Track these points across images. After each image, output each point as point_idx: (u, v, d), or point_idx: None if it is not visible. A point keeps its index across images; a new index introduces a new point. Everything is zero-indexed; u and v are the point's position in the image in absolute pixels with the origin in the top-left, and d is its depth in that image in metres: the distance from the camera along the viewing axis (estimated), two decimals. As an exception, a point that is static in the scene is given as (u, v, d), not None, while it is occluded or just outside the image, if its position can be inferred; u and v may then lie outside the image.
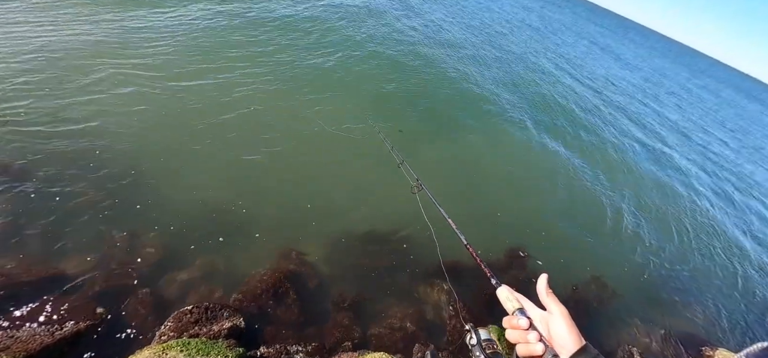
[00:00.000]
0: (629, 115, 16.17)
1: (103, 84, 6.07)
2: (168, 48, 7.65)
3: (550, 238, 6.68)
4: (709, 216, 10.32)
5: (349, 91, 8.85)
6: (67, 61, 6.27)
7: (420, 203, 2.58)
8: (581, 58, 24.51)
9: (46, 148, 4.72)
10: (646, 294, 6.50)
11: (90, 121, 5.33)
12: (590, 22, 63.53)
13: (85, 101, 5.62)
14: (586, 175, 9.30)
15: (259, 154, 5.96)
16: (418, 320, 4.47)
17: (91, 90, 5.88)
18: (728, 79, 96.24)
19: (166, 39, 7.91)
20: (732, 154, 18.21)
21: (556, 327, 0.89)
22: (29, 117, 5.03)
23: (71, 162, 4.69)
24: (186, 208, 4.71)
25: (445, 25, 17.18)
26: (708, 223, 9.92)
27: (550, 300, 0.93)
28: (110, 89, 6.02)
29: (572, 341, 0.85)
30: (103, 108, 5.63)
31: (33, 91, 5.44)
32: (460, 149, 8.41)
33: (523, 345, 0.89)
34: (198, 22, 9.04)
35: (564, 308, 0.90)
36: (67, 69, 6.09)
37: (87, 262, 3.83)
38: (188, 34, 8.41)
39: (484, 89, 11.82)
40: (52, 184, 4.37)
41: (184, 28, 8.56)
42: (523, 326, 0.90)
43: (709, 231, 9.52)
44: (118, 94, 5.98)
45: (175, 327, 3.56)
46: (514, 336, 0.91)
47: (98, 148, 4.99)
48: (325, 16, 12.42)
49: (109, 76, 6.26)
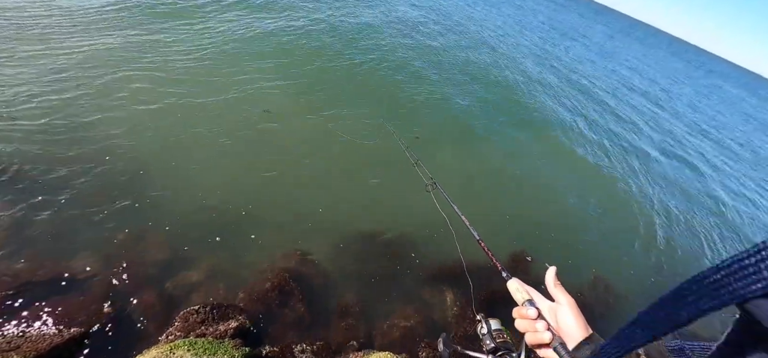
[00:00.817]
0: (647, 119, 16.08)
1: (113, 88, 6.15)
2: (179, 54, 7.74)
3: (557, 241, 6.66)
4: (726, 219, 10.25)
5: (364, 98, 8.88)
6: (81, 67, 6.36)
7: (435, 201, 2.65)
8: (585, 61, 24.40)
9: (54, 150, 4.79)
10: (653, 295, 6.45)
11: (98, 124, 5.41)
12: (599, 23, 63.25)
13: (93, 105, 5.70)
14: (602, 179, 9.26)
15: (267, 156, 6.00)
16: (423, 320, 4.48)
17: (101, 94, 5.95)
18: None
19: (178, 44, 8.02)
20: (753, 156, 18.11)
21: (563, 317, 0.91)
22: (38, 119, 5.11)
23: (79, 164, 4.74)
24: (194, 209, 4.75)
25: (460, 33, 17.21)
26: (724, 226, 9.84)
27: (558, 291, 0.96)
28: (119, 93, 6.09)
29: (579, 330, 0.87)
30: (112, 111, 5.70)
31: (45, 94, 5.53)
32: (475, 155, 8.43)
33: (531, 334, 0.92)
34: (211, 30, 9.15)
35: (571, 299, 0.93)
36: (78, 74, 6.18)
37: (95, 262, 3.87)
38: (199, 41, 8.51)
39: (500, 97, 11.81)
40: (60, 186, 4.42)
41: (196, 35, 8.67)
42: (531, 316, 0.92)
43: (724, 234, 9.44)
44: (126, 97, 6.05)
45: (182, 327, 3.59)
46: (523, 326, 0.94)
47: (107, 151, 5.05)
48: (343, 25, 12.49)
49: (119, 80, 6.35)
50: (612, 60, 29.89)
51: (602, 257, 6.81)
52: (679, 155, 13.56)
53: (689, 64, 73.61)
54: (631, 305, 5.93)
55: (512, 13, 29.40)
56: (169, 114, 6.04)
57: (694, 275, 0.46)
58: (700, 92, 35.70)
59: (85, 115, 5.45)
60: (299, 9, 12.16)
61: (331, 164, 6.42)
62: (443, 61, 12.75)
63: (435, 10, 18.88)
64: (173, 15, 9.03)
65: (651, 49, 65.10)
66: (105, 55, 6.83)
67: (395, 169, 6.53)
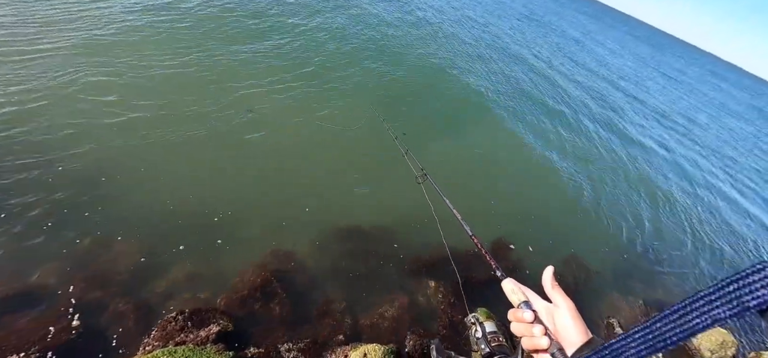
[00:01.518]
0: (623, 112, 16.54)
1: (75, 90, 5.69)
2: (148, 41, 7.27)
3: (538, 228, 6.80)
4: (687, 194, 10.83)
5: (349, 92, 8.71)
6: (42, 69, 5.84)
7: (425, 193, 2.61)
8: (575, 54, 24.82)
9: (8, 157, 4.41)
10: (626, 269, 6.77)
11: (56, 130, 5.00)
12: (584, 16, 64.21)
13: (52, 109, 5.26)
14: (571, 167, 9.47)
15: (244, 155, 5.79)
16: (410, 311, 4.49)
17: (61, 96, 5.50)
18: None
19: (143, 31, 7.51)
20: (712, 136, 19.10)
21: (561, 320, 0.87)
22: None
23: (36, 170, 4.40)
24: (166, 214, 4.51)
25: (455, 27, 17.06)
26: (685, 201, 10.41)
27: (556, 293, 0.91)
28: (81, 95, 5.64)
29: (578, 335, 0.83)
30: (73, 117, 5.29)
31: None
32: (462, 146, 8.45)
33: (527, 338, 0.87)
34: (188, 12, 8.61)
35: (570, 302, 0.89)
36: (39, 75, 5.67)
37: (61, 274, 3.62)
38: (171, 23, 8.00)
39: (485, 88, 11.84)
40: (16, 195, 4.09)
41: (163, 19, 8.14)
42: (527, 319, 0.88)
43: (685, 208, 9.99)
44: (88, 100, 5.63)
45: (161, 336, 3.43)
46: (519, 329, 0.90)
47: (65, 154, 4.70)
48: (325, 24, 12.09)
49: (79, 78, 5.88)
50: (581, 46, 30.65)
51: (580, 237, 7.05)
52: (650, 140, 14.20)
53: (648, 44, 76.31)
54: (606, 278, 6.21)
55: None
56: (136, 117, 5.66)
57: (713, 284, 0.47)
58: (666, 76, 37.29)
59: (42, 120, 5.03)
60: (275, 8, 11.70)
61: (313, 160, 6.28)
62: (431, 55, 12.67)
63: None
64: (145, 12, 8.44)
65: (611, 30, 67.20)
66: (68, 57, 6.31)
67: (378, 161, 6.49)
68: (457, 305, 4.62)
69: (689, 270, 7.55)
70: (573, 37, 32.82)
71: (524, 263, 5.72)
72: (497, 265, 1.16)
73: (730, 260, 8.52)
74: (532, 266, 5.65)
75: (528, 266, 5.64)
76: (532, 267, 5.62)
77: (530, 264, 5.69)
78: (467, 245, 5.17)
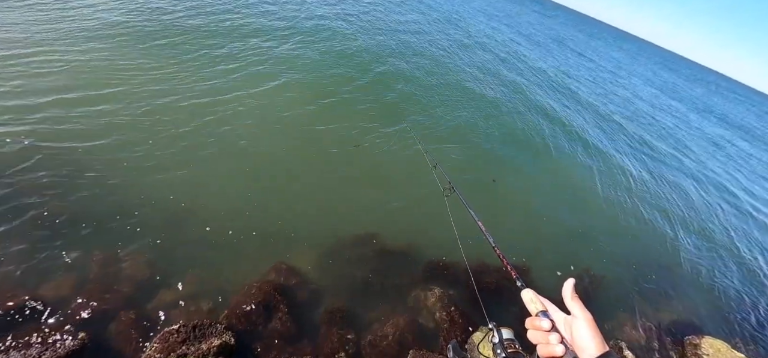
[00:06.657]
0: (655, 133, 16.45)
1: (87, 102, 5.83)
2: (152, 51, 7.45)
3: (555, 244, 6.79)
4: (701, 211, 10.68)
5: (373, 107, 8.88)
6: (63, 81, 6.00)
7: (447, 206, 2.72)
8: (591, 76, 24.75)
9: (14, 170, 4.48)
10: (634, 287, 6.64)
11: (63, 137, 5.10)
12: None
13: (56, 116, 5.38)
14: (587, 186, 9.42)
15: (250, 168, 5.84)
16: (415, 327, 4.42)
17: (65, 104, 5.63)
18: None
19: (145, 40, 7.70)
20: (735, 153, 19.01)
21: (579, 331, 0.88)
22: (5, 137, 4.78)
23: (43, 181, 4.46)
24: (173, 227, 4.53)
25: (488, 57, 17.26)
26: (698, 217, 10.26)
27: (575, 304, 0.92)
28: (92, 107, 5.78)
29: (594, 346, 0.84)
30: (76, 120, 5.41)
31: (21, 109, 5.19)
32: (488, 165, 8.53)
33: (543, 346, 0.89)
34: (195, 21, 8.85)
35: (588, 314, 0.90)
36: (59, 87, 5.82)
37: (66, 286, 3.63)
38: (174, 32, 8.22)
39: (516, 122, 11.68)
40: (25, 207, 4.13)
41: (169, 25, 8.36)
42: (544, 328, 0.90)
43: (699, 225, 9.82)
44: (98, 111, 5.75)
45: (161, 348, 3.40)
46: (536, 337, 0.92)
47: (70, 165, 4.77)
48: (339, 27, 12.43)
49: (96, 95, 6.03)
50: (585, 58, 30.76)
51: (589, 252, 6.98)
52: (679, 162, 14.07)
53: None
54: (614, 295, 6.11)
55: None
56: (145, 129, 5.77)
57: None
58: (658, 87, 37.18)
59: (54, 132, 5.14)
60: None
61: (320, 174, 6.31)
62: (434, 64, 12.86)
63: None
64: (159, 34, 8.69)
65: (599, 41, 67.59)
66: (90, 69, 6.49)
67: (388, 173, 6.53)
68: (472, 317, 4.57)
69: (699, 289, 7.32)
70: (607, 68, 32.49)
71: (536, 276, 5.64)
72: (518, 275, 1.18)
73: (746, 285, 8.21)
74: (543, 279, 5.59)
75: (538, 279, 5.56)
76: (543, 281, 5.54)
77: (543, 278, 5.61)
78: (479, 261, 5.18)
